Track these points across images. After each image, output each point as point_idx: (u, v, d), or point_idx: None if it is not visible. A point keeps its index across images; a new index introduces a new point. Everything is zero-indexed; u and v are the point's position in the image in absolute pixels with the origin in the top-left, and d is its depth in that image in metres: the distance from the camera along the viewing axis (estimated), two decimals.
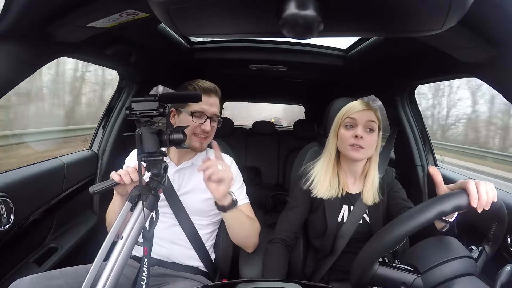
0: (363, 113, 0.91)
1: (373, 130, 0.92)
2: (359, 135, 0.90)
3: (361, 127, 0.91)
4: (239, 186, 1.04)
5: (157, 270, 0.94)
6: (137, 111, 0.67)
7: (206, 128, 0.96)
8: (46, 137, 4.37)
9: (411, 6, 0.41)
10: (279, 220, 1.03)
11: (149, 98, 0.67)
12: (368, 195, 0.96)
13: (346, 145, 0.92)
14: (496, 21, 0.62)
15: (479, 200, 0.58)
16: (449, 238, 0.66)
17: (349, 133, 0.92)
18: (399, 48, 1.16)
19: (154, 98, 0.67)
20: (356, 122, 0.92)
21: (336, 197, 0.97)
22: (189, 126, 0.94)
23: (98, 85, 6.51)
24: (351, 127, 0.92)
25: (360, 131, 0.90)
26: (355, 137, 0.90)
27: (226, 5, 0.43)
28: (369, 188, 0.97)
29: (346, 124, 0.93)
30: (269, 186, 2.60)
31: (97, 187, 0.74)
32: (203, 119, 0.96)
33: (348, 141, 0.92)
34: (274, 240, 0.98)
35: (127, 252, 0.63)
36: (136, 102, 0.67)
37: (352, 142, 0.91)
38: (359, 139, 0.90)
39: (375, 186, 0.97)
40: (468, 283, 0.58)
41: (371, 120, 0.91)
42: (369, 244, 0.62)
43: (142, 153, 0.68)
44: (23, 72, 0.76)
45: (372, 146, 0.93)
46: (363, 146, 0.90)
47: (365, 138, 0.90)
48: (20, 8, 0.62)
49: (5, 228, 0.88)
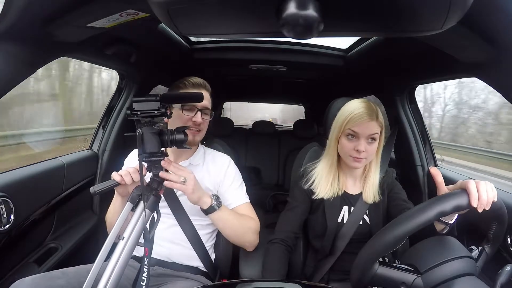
0: (365, 127, 0.88)
1: (375, 140, 0.91)
2: (361, 150, 0.88)
3: (363, 140, 0.89)
4: (238, 185, 1.04)
5: (157, 270, 0.94)
6: (138, 111, 0.67)
7: (197, 120, 0.96)
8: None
9: (411, 6, 0.41)
10: (279, 220, 1.03)
11: (150, 98, 0.67)
12: (369, 194, 0.96)
13: (347, 154, 0.92)
14: (496, 21, 0.62)
15: (479, 200, 0.58)
16: (449, 238, 0.66)
17: (350, 144, 0.90)
18: (399, 48, 1.16)
19: (155, 98, 0.67)
20: (358, 136, 0.89)
21: (336, 198, 0.97)
22: (181, 120, 0.95)
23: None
24: (353, 138, 0.90)
25: (362, 146, 0.88)
26: (357, 151, 0.89)
27: (226, 5, 0.43)
28: (369, 187, 0.97)
29: (347, 134, 0.91)
30: (269, 186, 2.60)
31: (98, 187, 0.74)
32: (194, 111, 0.97)
33: (349, 152, 0.91)
34: (274, 240, 0.98)
35: (128, 252, 0.63)
36: (137, 102, 0.67)
37: (353, 155, 0.90)
38: (360, 152, 0.89)
39: (375, 185, 0.97)
40: (468, 283, 0.58)
41: (373, 133, 0.89)
42: (369, 244, 0.62)
43: (143, 154, 0.68)
44: (23, 72, 0.76)
45: (372, 154, 0.93)
46: (364, 157, 0.90)
47: (367, 149, 0.89)
48: (20, 8, 0.62)
49: (5, 228, 0.88)
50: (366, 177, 0.99)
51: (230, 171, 1.05)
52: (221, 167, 1.04)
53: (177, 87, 1.01)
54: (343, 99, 1.11)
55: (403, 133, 1.50)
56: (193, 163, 1.02)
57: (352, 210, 0.98)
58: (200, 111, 0.98)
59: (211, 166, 1.04)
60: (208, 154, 1.08)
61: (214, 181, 1.02)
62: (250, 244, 1.01)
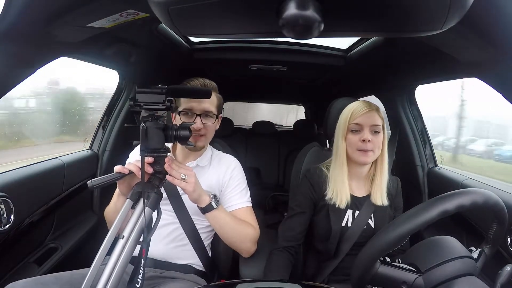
0: (366, 116, 0.93)
1: (379, 132, 0.93)
2: (366, 139, 0.91)
3: (367, 130, 0.92)
4: (242, 188, 1.03)
5: (153, 269, 0.94)
6: (142, 103, 0.63)
7: (196, 126, 0.93)
8: None
9: (411, 6, 0.41)
10: (282, 227, 1.02)
11: (156, 90, 0.63)
12: (376, 195, 0.96)
13: (354, 149, 0.94)
14: (496, 21, 0.62)
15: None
16: (449, 238, 0.66)
17: (356, 137, 0.93)
18: (399, 48, 1.16)
19: (161, 91, 0.64)
20: (361, 127, 0.93)
21: (343, 201, 0.96)
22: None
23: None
24: (357, 131, 0.94)
25: (367, 135, 0.91)
26: (363, 141, 0.91)
27: (226, 5, 0.43)
28: (377, 189, 0.97)
29: (352, 130, 0.94)
30: (269, 186, 2.60)
31: (97, 181, 0.68)
32: (193, 117, 0.95)
33: (356, 145, 0.93)
34: (278, 249, 0.97)
35: (129, 252, 0.61)
36: (142, 93, 0.63)
37: (360, 147, 0.92)
38: (366, 142, 0.91)
39: (383, 187, 0.97)
40: (468, 283, 0.58)
41: (376, 124, 0.93)
42: (371, 242, 0.62)
43: (146, 149, 0.65)
44: (23, 72, 0.76)
45: (379, 148, 0.94)
46: (370, 149, 0.91)
47: (372, 140, 0.92)
48: (20, 8, 0.62)
49: (5, 228, 0.88)
50: (373, 178, 0.99)
51: (235, 173, 1.04)
52: (227, 169, 1.03)
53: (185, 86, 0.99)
54: (344, 99, 1.11)
55: (403, 133, 1.50)
56: (200, 165, 1.02)
57: (357, 213, 0.97)
58: (200, 115, 0.96)
59: (217, 168, 1.04)
60: (216, 156, 1.07)
61: (220, 182, 1.02)
62: (246, 252, 0.98)
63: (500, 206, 0.62)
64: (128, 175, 0.73)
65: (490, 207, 0.61)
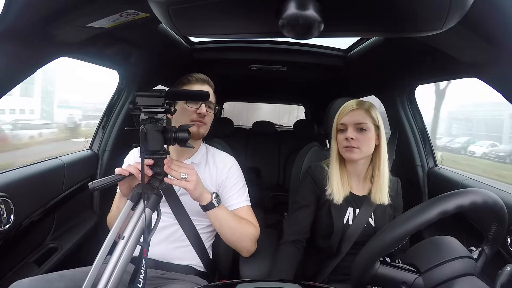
0: (350, 116, 0.96)
1: (365, 130, 0.95)
2: (349, 137, 0.94)
3: (351, 129, 0.95)
4: (240, 187, 1.03)
5: (154, 270, 0.94)
6: (141, 106, 0.65)
7: (202, 111, 0.95)
8: None
9: (411, 6, 0.41)
10: (288, 221, 1.03)
11: (155, 94, 0.65)
12: (376, 195, 0.97)
13: (341, 147, 0.98)
14: (496, 21, 0.62)
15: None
16: (449, 238, 0.66)
17: (341, 136, 0.98)
18: (399, 48, 1.16)
19: (160, 94, 0.65)
20: (346, 126, 0.97)
21: (343, 198, 0.97)
22: (185, 112, 0.95)
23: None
24: (343, 131, 0.98)
25: (350, 133, 0.95)
26: (346, 140, 0.95)
27: (226, 5, 0.43)
28: (377, 188, 0.97)
29: (339, 130, 0.99)
30: (269, 187, 2.60)
31: (98, 183, 0.69)
32: (198, 103, 0.96)
33: (342, 144, 0.97)
34: (285, 242, 0.97)
35: (129, 253, 0.62)
36: (141, 96, 0.65)
37: (345, 144, 0.96)
38: (350, 140, 0.94)
39: (384, 186, 0.98)
40: (468, 283, 0.58)
41: (360, 123, 0.95)
42: (371, 242, 0.62)
43: (146, 151, 0.66)
44: (23, 72, 0.76)
45: (367, 145, 0.95)
46: (355, 146, 0.94)
47: (357, 138, 0.94)
48: (20, 8, 0.62)
49: (5, 228, 0.88)
50: (373, 178, 0.99)
51: (233, 172, 1.03)
52: (224, 167, 1.03)
53: (181, 83, 1.01)
54: (343, 100, 1.11)
55: (403, 133, 1.50)
56: (195, 162, 1.01)
57: (357, 212, 0.98)
58: (204, 103, 0.98)
59: (213, 166, 1.03)
60: (211, 153, 1.07)
61: (216, 181, 1.01)
62: (247, 251, 0.98)
63: (499, 206, 0.62)
64: (129, 177, 0.74)
65: (489, 207, 0.61)
